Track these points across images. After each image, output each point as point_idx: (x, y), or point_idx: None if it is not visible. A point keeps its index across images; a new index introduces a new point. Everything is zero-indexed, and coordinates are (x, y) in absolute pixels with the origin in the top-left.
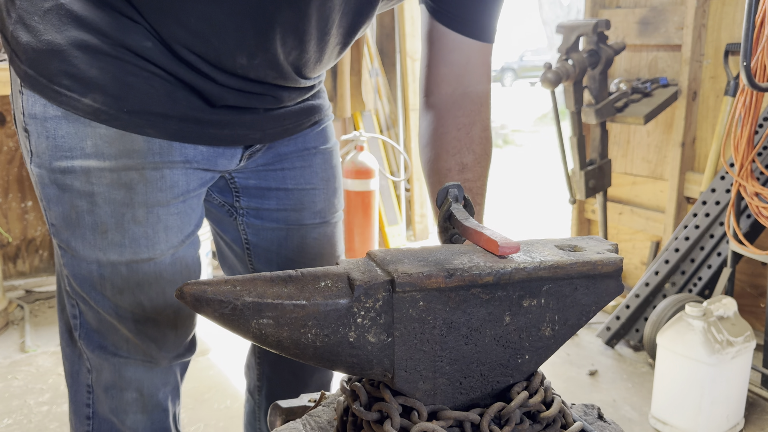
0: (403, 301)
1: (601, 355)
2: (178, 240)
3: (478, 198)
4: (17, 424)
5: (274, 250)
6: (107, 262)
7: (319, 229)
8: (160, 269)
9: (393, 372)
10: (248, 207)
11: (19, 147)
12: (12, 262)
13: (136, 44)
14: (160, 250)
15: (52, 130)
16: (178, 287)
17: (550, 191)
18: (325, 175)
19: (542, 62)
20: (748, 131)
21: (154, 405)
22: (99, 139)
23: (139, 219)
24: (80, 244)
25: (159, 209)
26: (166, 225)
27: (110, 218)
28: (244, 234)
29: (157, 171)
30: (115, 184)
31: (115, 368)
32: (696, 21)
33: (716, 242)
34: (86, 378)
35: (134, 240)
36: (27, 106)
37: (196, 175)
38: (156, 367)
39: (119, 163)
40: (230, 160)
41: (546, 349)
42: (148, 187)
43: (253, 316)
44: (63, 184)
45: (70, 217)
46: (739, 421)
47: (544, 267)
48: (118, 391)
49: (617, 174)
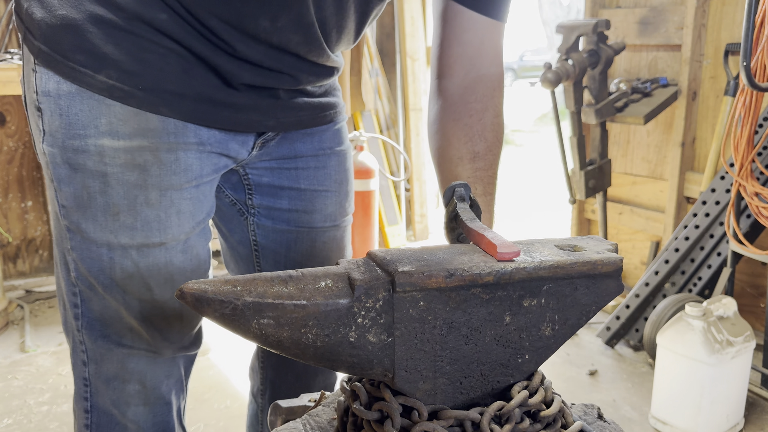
0: (403, 300)
1: (601, 354)
2: (189, 226)
3: (489, 188)
4: (17, 424)
5: (283, 252)
6: (118, 245)
7: (328, 233)
8: (171, 256)
9: (393, 372)
10: (260, 206)
11: (19, 148)
12: (12, 262)
13: (151, 16)
14: (171, 235)
15: (66, 108)
16: (179, 287)
17: (550, 191)
18: (339, 178)
19: (542, 62)
20: (748, 131)
21: (157, 397)
22: (113, 117)
23: (151, 202)
24: (91, 226)
25: (172, 192)
26: (178, 209)
27: (122, 200)
28: (253, 235)
29: (171, 153)
30: (129, 165)
31: (117, 359)
32: (696, 21)
33: (716, 242)
34: (82, 371)
35: (146, 223)
36: (40, 83)
37: (209, 159)
38: (159, 358)
39: (134, 143)
40: (242, 146)
41: (546, 349)
42: (162, 170)
43: (254, 316)
44: (75, 163)
45: (82, 197)
46: (739, 421)
47: (544, 267)
48: (120, 382)
49: (617, 174)
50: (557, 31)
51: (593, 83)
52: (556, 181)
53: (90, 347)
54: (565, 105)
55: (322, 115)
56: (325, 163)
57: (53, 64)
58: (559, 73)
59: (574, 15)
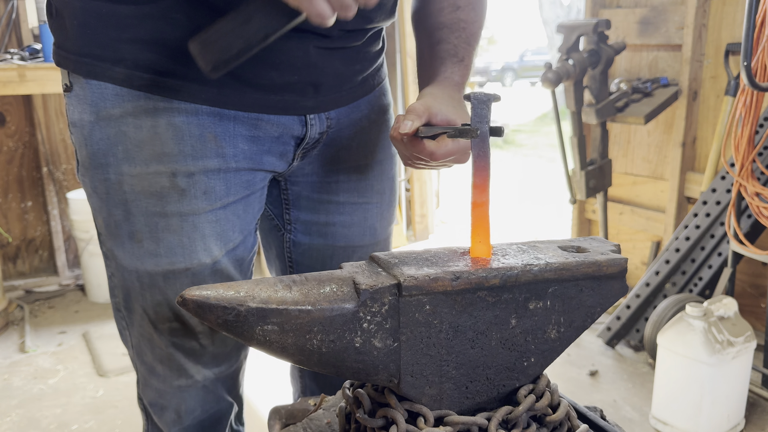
0: (409, 305)
1: (601, 355)
2: (218, 249)
3: (473, 42)
4: (17, 425)
5: (318, 269)
6: (145, 272)
7: (368, 249)
8: (198, 281)
9: (399, 377)
10: (297, 220)
11: (18, 148)
12: (12, 262)
13: None
14: (197, 260)
15: (88, 137)
16: (180, 293)
17: (551, 191)
18: (380, 188)
19: (542, 62)
20: (749, 131)
21: (193, 424)
22: (129, 144)
23: (173, 228)
24: (121, 253)
25: (194, 218)
26: (203, 234)
27: (144, 227)
28: (288, 252)
29: (189, 177)
30: (146, 192)
31: (154, 387)
32: (696, 21)
33: (717, 242)
34: (137, 387)
35: (169, 249)
36: (69, 113)
37: (237, 178)
38: (191, 389)
39: (150, 169)
40: (280, 158)
41: (551, 352)
42: (181, 195)
43: (258, 322)
44: (101, 192)
45: (110, 225)
46: (739, 422)
47: (550, 269)
48: (158, 408)
49: (618, 174)
50: (558, 30)
51: (594, 83)
52: (557, 181)
53: (139, 369)
54: (566, 105)
55: (363, 84)
56: (367, 174)
57: (71, 66)
58: (559, 72)
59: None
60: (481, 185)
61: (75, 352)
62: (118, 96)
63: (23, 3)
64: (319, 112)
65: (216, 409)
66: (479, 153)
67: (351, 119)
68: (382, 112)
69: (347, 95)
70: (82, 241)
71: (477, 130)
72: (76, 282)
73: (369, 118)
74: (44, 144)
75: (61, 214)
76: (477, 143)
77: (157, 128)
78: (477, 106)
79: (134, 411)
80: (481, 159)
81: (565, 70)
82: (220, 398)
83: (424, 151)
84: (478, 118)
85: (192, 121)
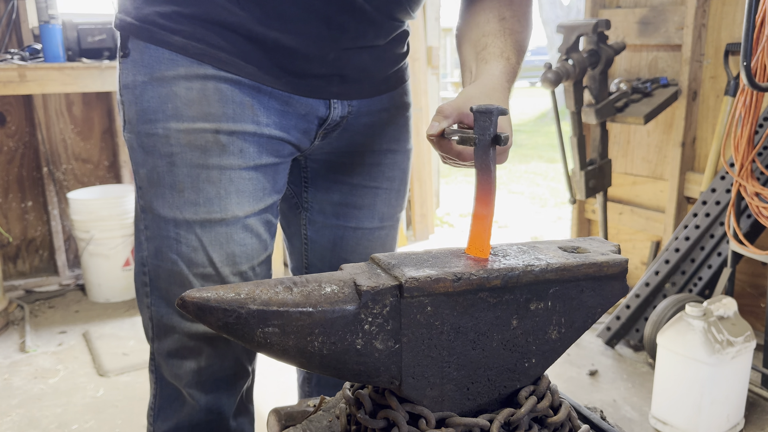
0: (410, 306)
1: (601, 355)
2: (249, 206)
3: (519, 49)
4: (17, 424)
5: (329, 248)
6: (183, 221)
7: (376, 232)
8: (231, 232)
9: (400, 379)
10: (314, 199)
11: (19, 148)
12: (12, 262)
13: None
14: (231, 212)
15: (140, 96)
16: (180, 296)
17: (551, 191)
18: (391, 175)
19: (542, 62)
20: (749, 131)
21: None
22: (179, 102)
23: (212, 179)
24: (160, 204)
25: (231, 172)
26: (237, 188)
27: (186, 178)
28: (305, 229)
29: (229, 136)
30: (192, 146)
31: (177, 337)
32: (696, 21)
33: (716, 242)
34: (151, 345)
35: (208, 199)
36: (122, 77)
37: (269, 144)
38: (214, 340)
39: (196, 126)
40: (304, 135)
41: (552, 352)
42: (222, 150)
43: (258, 324)
44: (147, 146)
45: (153, 178)
46: (739, 421)
47: (551, 269)
48: (178, 359)
49: (617, 174)
50: (557, 31)
51: (593, 83)
52: (556, 180)
53: (156, 324)
54: (566, 105)
55: (388, 79)
56: (380, 160)
57: (135, 32)
58: (559, 73)
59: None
60: (484, 198)
61: (75, 352)
62: (173, 61)
63: (23, 3)
64: (342, 99)
65: (233, 372)
66: (481, 165)
67: (371, 110)
68: (402, 110)
69: (370, 88)
70: (83, 241)
71: (475, 138)
72: (77, 282)
73: (389, 112)
74: (44, 144)
75: (62, 214)
76: (479, 155)
77: (205, 91)
78: (479, 118)
79: (134, 411)
80: (483, 172)
81: (564, 70)
82: (238, 359)
83: (452, 152)
84: (480, 129)
85: (235, 89)
